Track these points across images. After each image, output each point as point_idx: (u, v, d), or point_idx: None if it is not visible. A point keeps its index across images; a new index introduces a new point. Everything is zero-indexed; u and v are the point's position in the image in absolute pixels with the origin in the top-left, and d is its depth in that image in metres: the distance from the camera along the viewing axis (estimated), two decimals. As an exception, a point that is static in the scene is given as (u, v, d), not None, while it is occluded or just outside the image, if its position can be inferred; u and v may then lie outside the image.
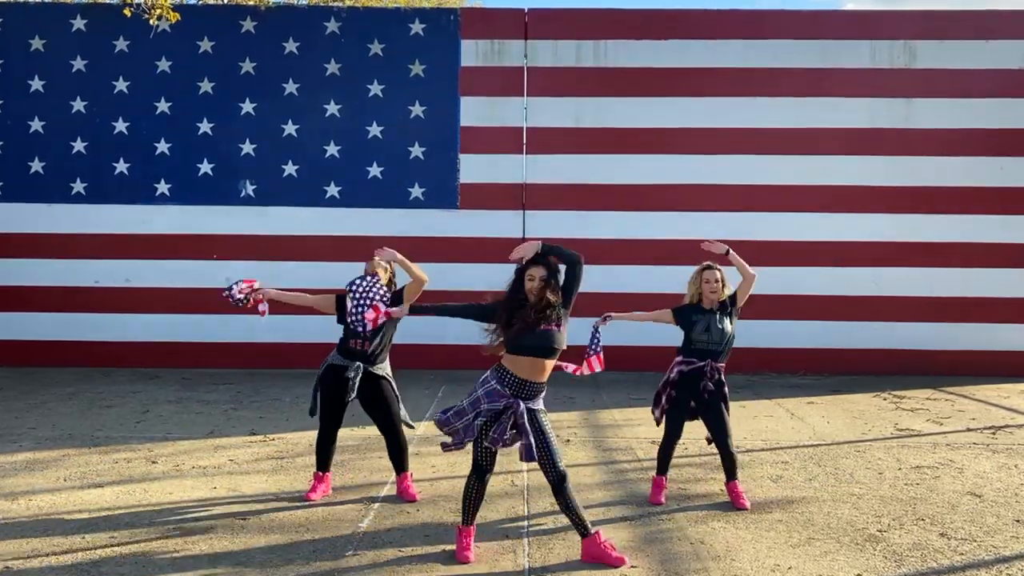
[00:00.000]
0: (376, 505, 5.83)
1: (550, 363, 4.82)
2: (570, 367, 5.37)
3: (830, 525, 5.46)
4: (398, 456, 6.06)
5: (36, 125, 12.39)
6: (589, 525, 4.81)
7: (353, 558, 4.82)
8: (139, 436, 7.91)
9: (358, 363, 5.87)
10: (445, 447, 4.97)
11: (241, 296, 5.87)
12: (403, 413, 6.07)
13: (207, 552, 4.90)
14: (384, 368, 6.04)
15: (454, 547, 4.94)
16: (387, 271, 6.10)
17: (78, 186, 12.37)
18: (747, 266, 6.12)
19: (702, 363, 5.89)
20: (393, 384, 6.08)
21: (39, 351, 12.25)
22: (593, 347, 5.64)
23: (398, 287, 6.09)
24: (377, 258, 5.97)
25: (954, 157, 12.17)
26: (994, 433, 8.34)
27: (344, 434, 7.92)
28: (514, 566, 4.73)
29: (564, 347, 4.86)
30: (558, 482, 4.73)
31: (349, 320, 5.95)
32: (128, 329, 12.30)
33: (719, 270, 6.03)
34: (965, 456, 7.37)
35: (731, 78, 12.26)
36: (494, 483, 6.30)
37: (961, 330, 12.17)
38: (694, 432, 7.27)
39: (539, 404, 4.86)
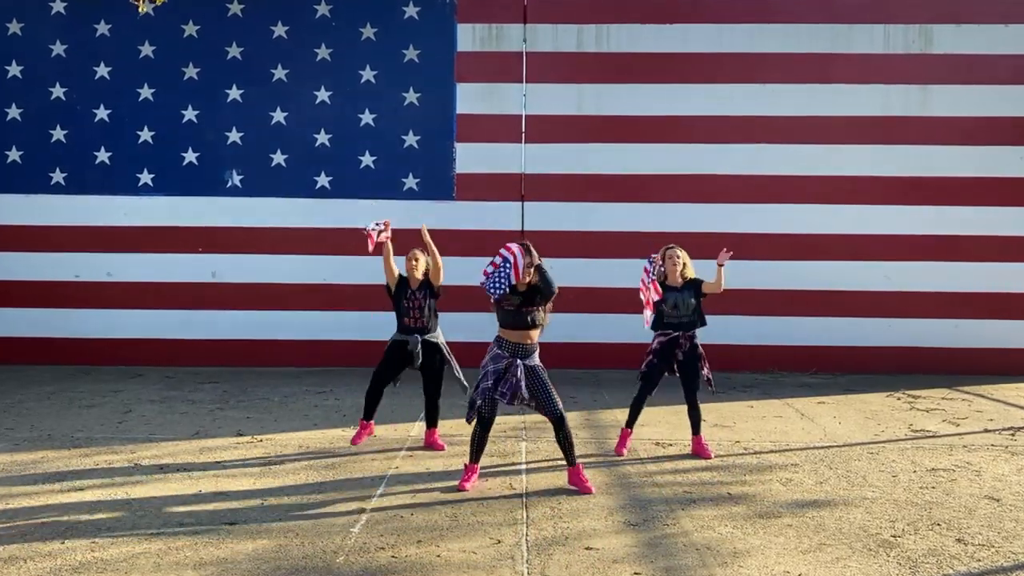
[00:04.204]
0: (369, 509, 5.83)
1: (533, 331, 6.27)
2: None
3: (842, 530, 5.45)
4: (431, 414, 7.57)
5: (13, 112, 12.36)
6: (575, 458, 6.35)
7: (344, 564, 4.82)
8: (121, 437, 7.90)
9: (416, 335, 7.38)
10: (469, 419, 6.44)
11: (376, 229, 7.50)
12: (460, 377, 7.49)
13: (192, 558, 4.89)
14: (437, 336, 7.54)
15: (449, 552, 4.96)
16: (425, 260, 7.59)
17: (57, 176, 12.34)
18: (722, 283, 7.39)
19: (676, 334, 7.28)
20: (446, 352, 7.56)
21: (16, 348, 12.23)
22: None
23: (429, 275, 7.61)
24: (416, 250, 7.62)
25: (972, 146, 12.16)
26: (1013, 434, 8.34)
27: (336, 435, 7.98)
28: (513, 573, 4.73)
29: (545, 323, 6.32)
30: (557, 421, 6.25)
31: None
32: (110, 325, 12.29)
33: (680, 250, 7.39)
34: (983, 458, 7.36)
35: (738, 64, 12.23)
36: (492, 486, 6.36)
37: (979, 327, 12.17)
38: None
39: (535, 361, 6.32)
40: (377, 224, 7.58)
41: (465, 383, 7.39)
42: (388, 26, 12.35)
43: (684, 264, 7.39)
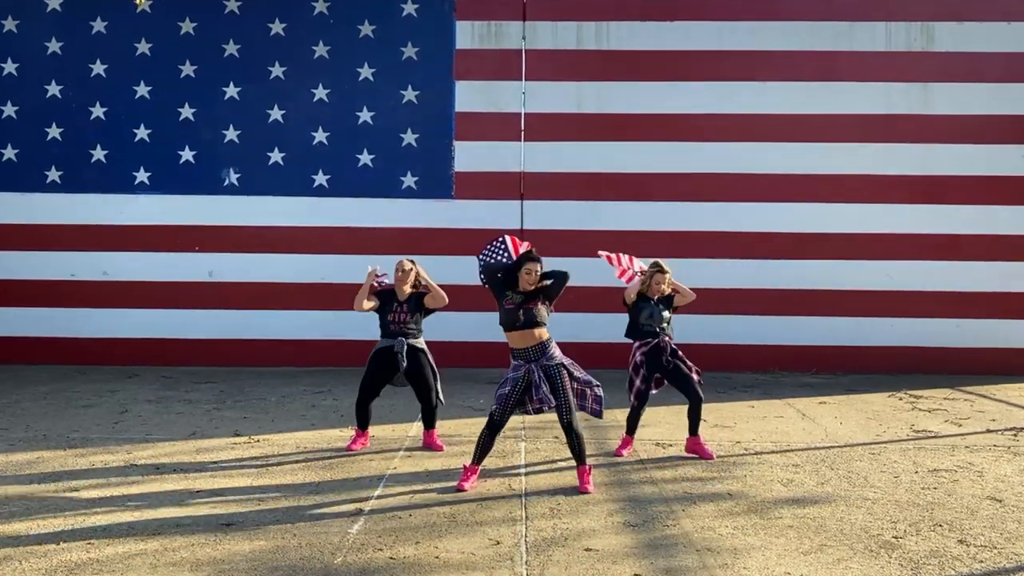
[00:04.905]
0: (367, 509, 5.82)
1: (537, 330, 6.25)
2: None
3: (843, 531, 5.45)
4: (429, 416, 7.53)
5: (9, 110, 12.36)
6: (584, 458, 6.30)
7: (342, 565, 4.81)
8: (117, 437, 7.89)
9: (400, 339, 7.32)
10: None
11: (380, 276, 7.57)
12: (439, 388, 7.52)
13: (188, 559, 4.88)
14: (421, 343, 7.48)
15: (448, 553, 4.96)
16: (414, 271, 7.49)
17: (53, 174, 12.34)
18: (687, 289, 7.68)
19: (655, 340, 7.39)
20: (430, 357, 7.50)
21: (11, 348, 12.22)
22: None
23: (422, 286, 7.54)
24: (405, 258, 7.58)
25: (973, 145, 12.17)
26: (1015, 435, 8.34)
27: (334, 435, 7.98)
28: (511, 574, 4.72)
29: (546, 320, 6.30)
30: (565, 427, 6.26)
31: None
32: (106, 325, 12.28)
33: (668, 272, 7.58)
34: (985, 459, 7.36)
35: (739, 61, 12.24)
36: (491, 486, 6.35)
37: (981, 326, 12.18)
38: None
39: (553, 360, 6.29)
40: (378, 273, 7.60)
41: (443, 400, 7.59)
42: (387, 23, 12.35)
43: (668, 284, 7.59)
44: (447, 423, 8.37)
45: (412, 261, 7.59)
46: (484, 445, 6.33)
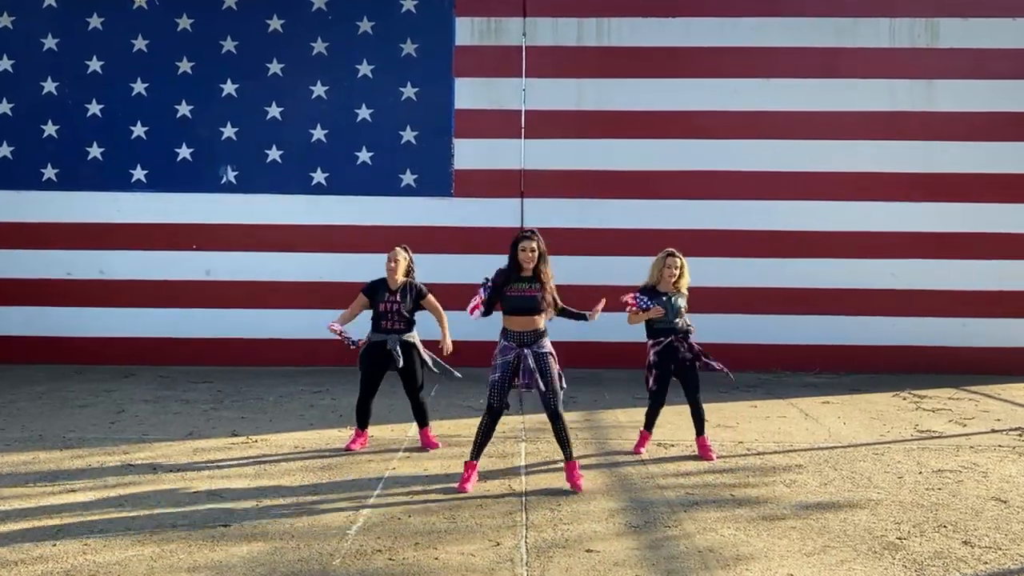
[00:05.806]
0: (365, 510, 5.82)
1: (537, 317, 6.32)
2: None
3: (846, 532, 5.44)
4: (419, 414, 7.60)
5: (4, 107, 12.35)
6: (572, 454, 6.38)
7: (341, 567, 4.81)
8: (114, 438, 7.89)
9: (393, 335, 7.33)
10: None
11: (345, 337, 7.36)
12: (432, 362, 7.55)
13: (186, 561, 4.88)
14: (413, 336, 7.48)
15: (448, 555, 4.96)
16: (406, 259, 7.48)
17: (49, 172, 12.33)
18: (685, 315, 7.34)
19: (667, 339, 7.21)
20: (421, 350, 7.51)
21: (7, 347, 12.22)
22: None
23: (415, 277, 7.59)
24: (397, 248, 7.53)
25: (978, 142, 12.16)
26: (1021, 435, 8.33)
27: (332, 435, 7.97)
28: (511, 575, 4.73)
29: (547, 305, 6.33)
30: (551, 415, 6.31)
31: (381, 309, 7.43)
32: (102, 324, 12.28)
33: (680, 257, 7.26)
34: (990, 459, 7.36)
35: (742, 58, 12.23)
36: (491, 487, 6.35)
37: (986, 326, 12.17)
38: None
39: (544, 348, 6.35)
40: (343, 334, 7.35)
41: (436, 370, 7.59)
42: (385, 20, 12.34)
43: (681, 274, 7.28)
44: (446, 423, 8.38)
45: (405, 249, 7.56)
46: (484, 434, 6.36)
